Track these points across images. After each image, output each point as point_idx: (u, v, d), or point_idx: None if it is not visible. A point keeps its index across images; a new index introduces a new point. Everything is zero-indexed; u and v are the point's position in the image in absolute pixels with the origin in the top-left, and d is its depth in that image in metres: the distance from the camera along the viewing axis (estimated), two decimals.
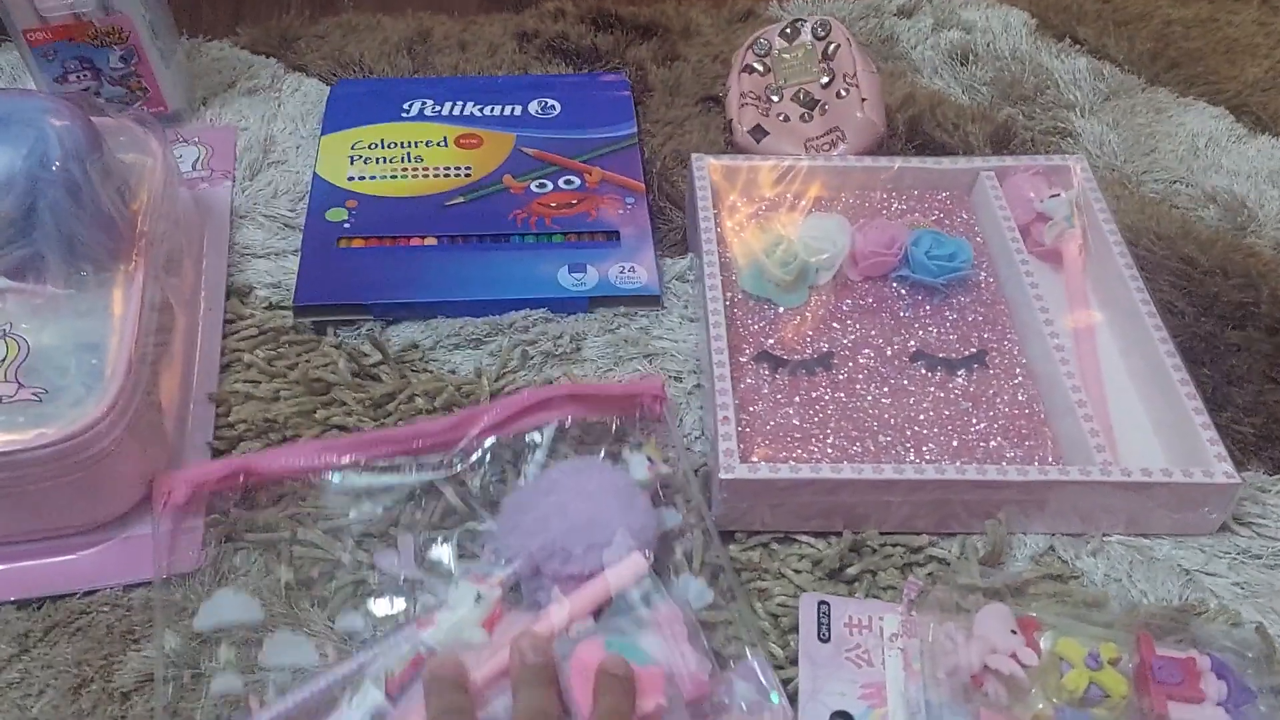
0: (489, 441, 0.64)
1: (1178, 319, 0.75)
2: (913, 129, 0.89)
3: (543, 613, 0.55)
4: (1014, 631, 0.54)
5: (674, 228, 0.82)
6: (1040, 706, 0.53)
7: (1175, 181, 0.86)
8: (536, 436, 0.64)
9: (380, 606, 0.59)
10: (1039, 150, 0.88)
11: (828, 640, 0.57)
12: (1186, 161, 0.88)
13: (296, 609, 0.59)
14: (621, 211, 0.80)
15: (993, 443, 0.65)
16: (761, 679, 0.55)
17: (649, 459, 0.63)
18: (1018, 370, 0.69)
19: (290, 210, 0.81)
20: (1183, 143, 0.89)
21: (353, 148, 0.85)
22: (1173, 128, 0.91)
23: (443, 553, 0.60)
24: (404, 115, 0.88)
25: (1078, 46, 0.99)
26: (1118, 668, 0.53)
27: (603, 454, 0.64)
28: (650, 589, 0.56)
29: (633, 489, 0.60)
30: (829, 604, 0.58)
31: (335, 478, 0.63)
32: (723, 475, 0.59)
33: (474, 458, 0.64)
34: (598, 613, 0.56)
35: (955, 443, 0.65)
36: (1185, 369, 0.66)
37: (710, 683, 0.53)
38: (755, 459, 0.63)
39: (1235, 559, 0.62)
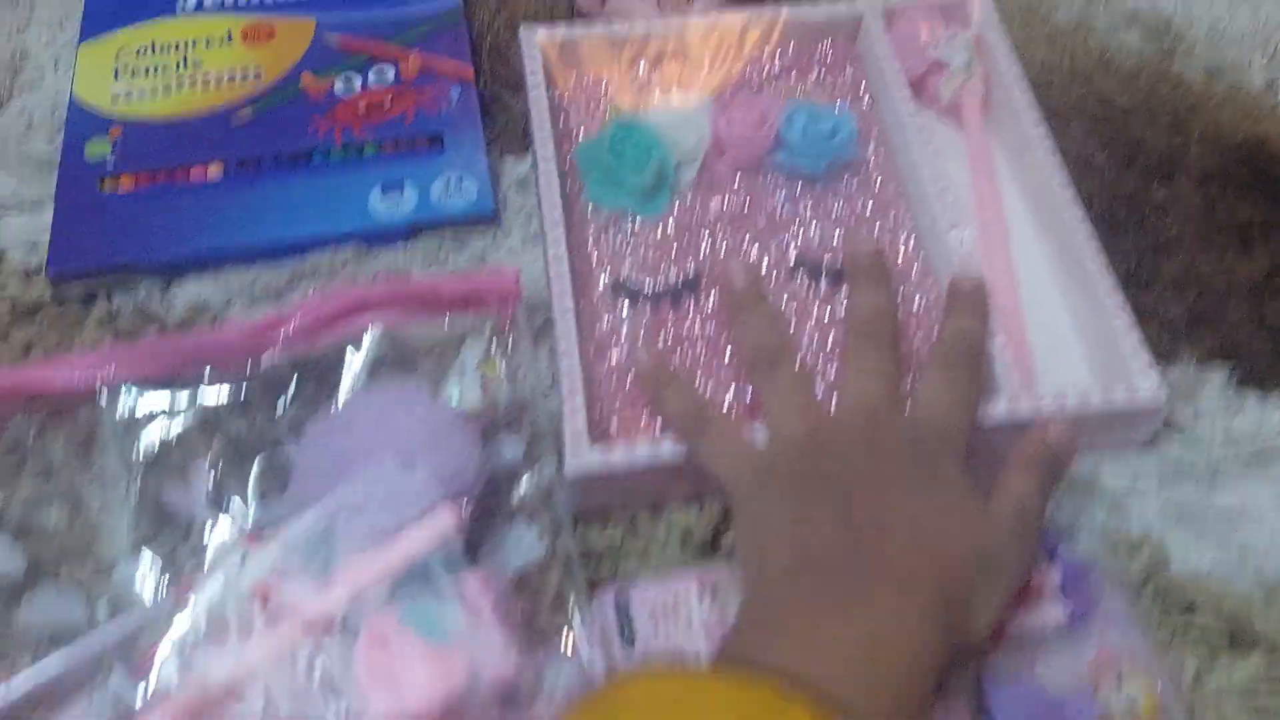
0: (298, 353, 0.55)
1: (1096, 176, 0.64)
2: None
3: (326, 581, 0.47)
4: None
5: (513, 118, 0.69)
6: None
7: (1092, 3, 0.74)
8: (355, 347, 0.55)
9: (161, 552, 0.50)
10: None
11: (633, 643, 0.48)
12: None
13: (68, 555, 0.51)
14: (445, 108, 0.67)
15: None
16: (584, 659, 0.47)
17: (484, 377, 0.53)
18: (914, 271, 0.58)
19: (49, 144, 0.67)
20: None
21: (117, 57, 0.70)
22: None
23: (240, 489, 0.52)
24: (179, 8, 0.73)
25: None
26: None
27: (426, 374, 0.55)
28: (457, 553, 0.48)
29: (454, 423, 0.51)
30: (628, 596, 0.49)
31: (122, 395, 0.53)
32: (569, 473, 0.49)
33: (277, 375, 0.54)
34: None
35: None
36: (1103, 258, 0.56)
37: (519, 665, 0.45)
38: (613, 429, 0.53)
39: (1166, 473, 0.54)
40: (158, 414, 0.54)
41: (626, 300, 0.57)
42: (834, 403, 0.50)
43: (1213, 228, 0.62)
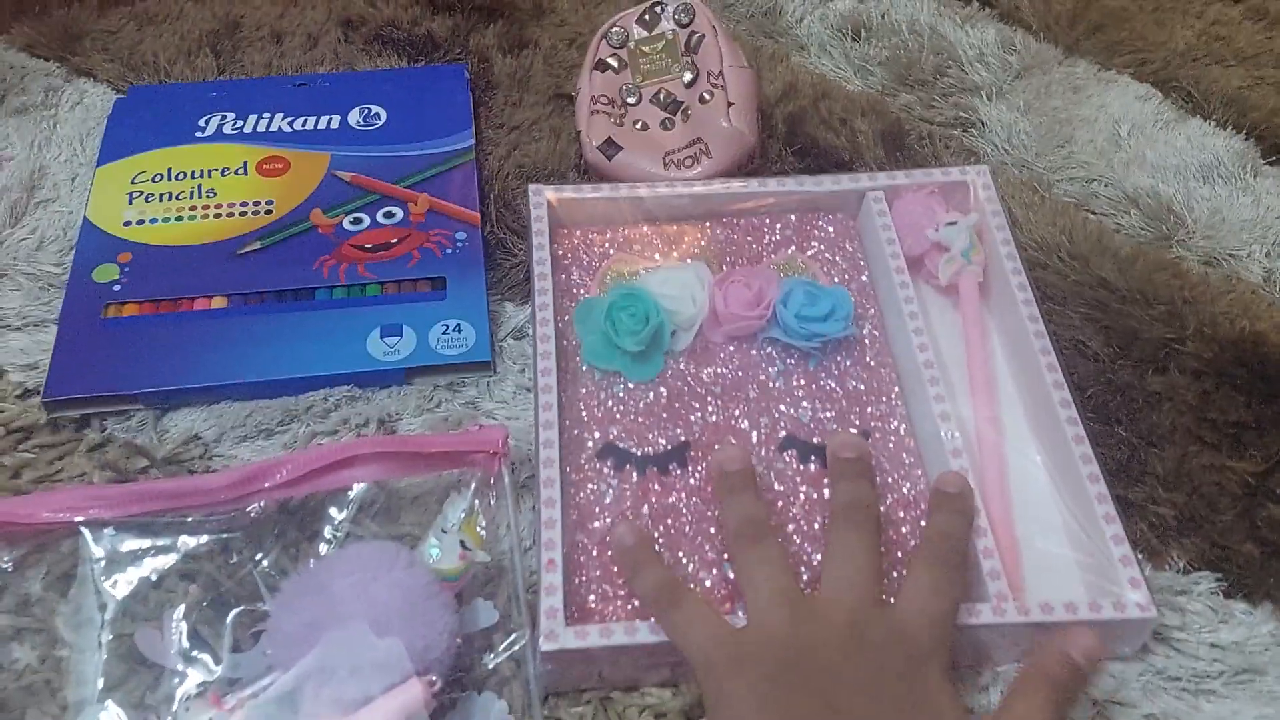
0: (281, 503, 0.55)
1: (1091, 363, 0.65)
2: (793, 128, 0.77)
3: None
4: None
5: (517, 264, 0.70)
6: None
7: (1092, 180, 0.75)
8: (338, 501, 0.55)
9: (129, 700, 0.50)
10: (939, 146, 0.76)
11: None
12: (1106, 155, 0.77)
13: (36, 695, 0.51)
14: (450, 251, 0.68)
15: None
16: None
17: (463, 543, 0.53)
18: (905, 457, 0.58)
19: (57, 265, 0.68)
20: (1103, 130, 0.78)
21: (133, 181, 0.71)
22: (1092, 111, 0.79)
23: (214, 639, 0.51)
24: (199, 135, 0.74)
25: (986, 10, 0.87)
26: None
27: (408, 525, 0.55)
28: None
29: (430, 590, 0.50)
30: None
31: (103, 535, 0.53)
32: (543, 647, 0.49)
33: (260, 523, 0.55)
34: None
35: None
36: (1094, 463, 0.55)
37: None
38: (591, 601, 0.53)
39: (1150, 682, 0.53)
40: (137, 556, 0.53)
41: (614, 464, 0.57)
42: (819, 590, 0.50)
43: (1206, 424, 0.62)
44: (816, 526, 0.55)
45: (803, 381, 0.61)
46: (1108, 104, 0.80)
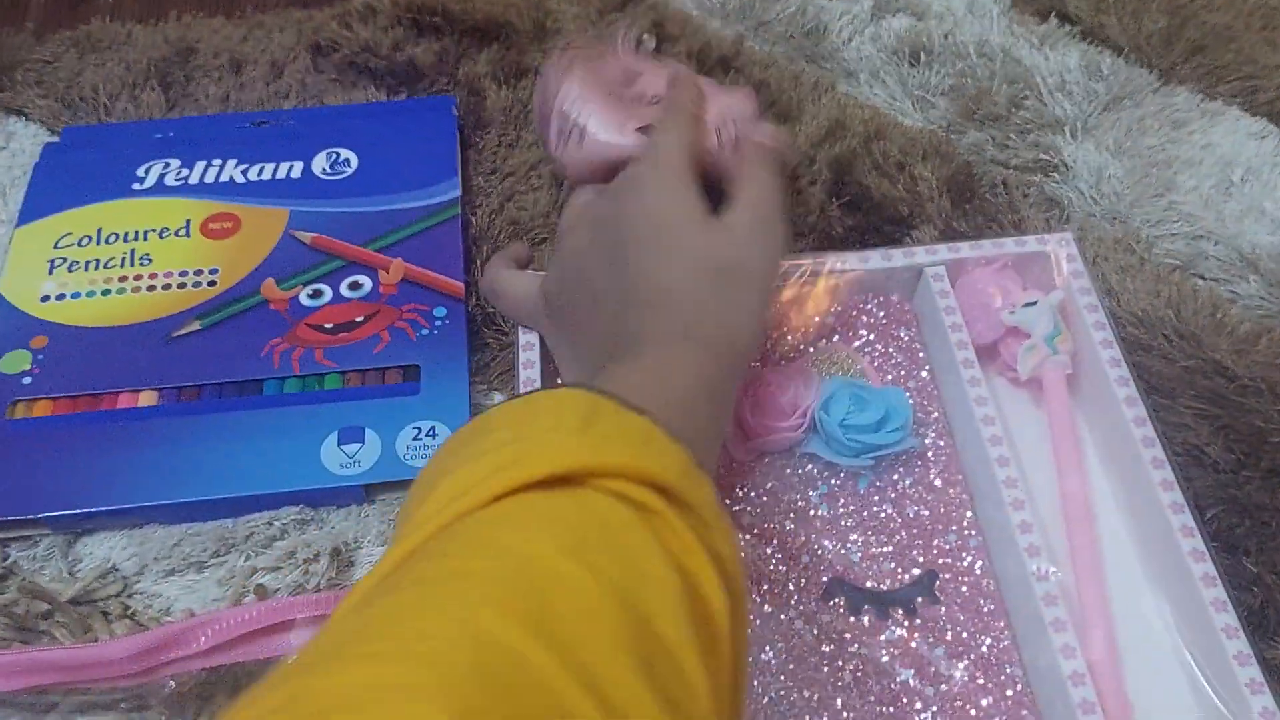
0: (201, 676, 0.45)
1: (1208, 475, 0.53)
2: (841, 175, 0.64)
3: None
4: None
5: (508, 345, 0.58)
6: None
7: (1200, 237, 0.63)
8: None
9: None
10: (1015, 195, 0.64)
11: None
12: (1215, 205, 0.64)
13: None
14: (426, 332, 0.57)
15: None
16: None
17: None
18: (983, 604, 0.46)
19: None
20: (1210, 174, 0.65)
21: (56, 246, 0.60)
22: (1196, 151, 0.67)
23: None
24: (136, 188, 0.63)
25: (1067, 28, 0.74)
26: None
27: None
28: None
29: None
30: None
31: None
32: None
33: (181, 699, 0.45)
34: None
35: None
36: (1232, 608, 0.44)
37: None
38: None
39: None
40: None
41: None
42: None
43: None
44: (873, 699, 0.43)
45: (851, 508, 0.49)
46: (1214, 142, 0.67)
